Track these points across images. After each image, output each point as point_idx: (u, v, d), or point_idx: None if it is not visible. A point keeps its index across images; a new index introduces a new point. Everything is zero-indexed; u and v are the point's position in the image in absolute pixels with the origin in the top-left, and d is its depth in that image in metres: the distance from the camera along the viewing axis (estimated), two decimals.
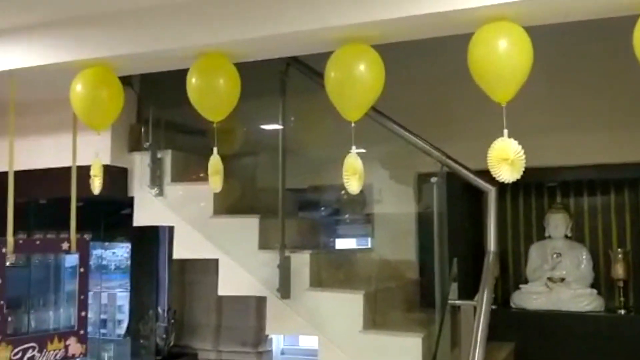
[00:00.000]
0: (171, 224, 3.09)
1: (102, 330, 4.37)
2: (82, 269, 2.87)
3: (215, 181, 2.36)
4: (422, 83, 3.63)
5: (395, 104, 2.73)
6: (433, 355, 2.40)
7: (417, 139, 2.74)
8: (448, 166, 2.62)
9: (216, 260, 2.96)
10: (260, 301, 4.25)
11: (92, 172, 2.55)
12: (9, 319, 3.34)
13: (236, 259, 2.92)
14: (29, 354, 2.64)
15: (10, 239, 2.59)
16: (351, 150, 2.22)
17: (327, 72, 2.20)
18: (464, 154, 2.78)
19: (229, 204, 3.11)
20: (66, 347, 2.79)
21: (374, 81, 2.15)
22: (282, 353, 4.33)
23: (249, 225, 2.93)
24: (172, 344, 4.23)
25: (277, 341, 4.32)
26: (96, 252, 4.31)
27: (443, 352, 2.45)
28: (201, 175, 3.08)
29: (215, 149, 2.39)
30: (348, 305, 2.71)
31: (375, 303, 2.86)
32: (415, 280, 3.57)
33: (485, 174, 2.62)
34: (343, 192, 4.24)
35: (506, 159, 1.94)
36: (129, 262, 4.43)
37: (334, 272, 3.10)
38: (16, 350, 2.59)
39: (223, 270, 2.95)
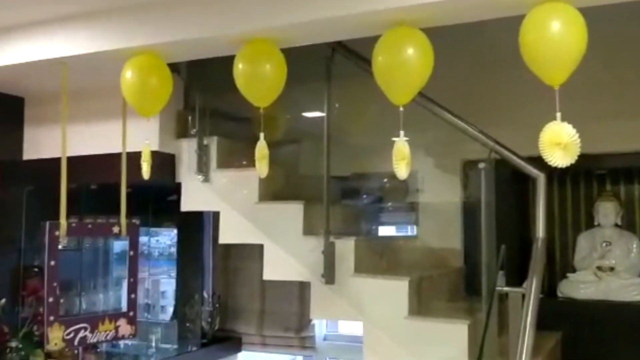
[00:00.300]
0: (217, 210, 3.13)
1: (147, 315, 4.47)
2: (131, 252, 2.94)
3: (262, 166, 2.38)
4: (467, 67, 3.57)
5: (440, 89, 2.69)
6: (481, 342, 2.37)
7: (466, 125, 2.70)
8: (497, 152, 2.58)
9: (261, 246, 2.99)
10: (303, 287, 4.29)
11: (142, 158, 2.60)
12: (61, 300, 3.46)
13: (281, 245, 2.94)
14: (80, 334, 2.72)
15: (63, 222, 2.67)
16: (400, 136, 2.19)
17: (374, 55, 2.18)
18: (510, 141, 2.73)
19: (274, 191, 3.13)
20: (116, 328, 2.87)
21: (423, 64, 2.13)
22: (325, 339, 4.35)
23: (293, 212, 2.94)
24: (216, 327, 4.30)
25: (320, 327, 4.34)
26: (141, 239, 4.41)
27: (490, 339, 2.42)
28: (244, 163, 3.14)
29: (262, 135, 2.41)
30: (393, 292, 2.70)
31: (420, 290, 2.85)
32: (459, 268, 3.54)
33: (533, 161, 2.59)
34: (386, 180, 4.26)
35: (559, 143, 1.90)
36: (172, 250, 4.51)
37: (379, 259, 3.09)
38: (68, 330, 2.67)
39: (268, 256, 2.97)
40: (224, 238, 3.10)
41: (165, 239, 4.56)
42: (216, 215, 4.45)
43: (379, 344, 2.73)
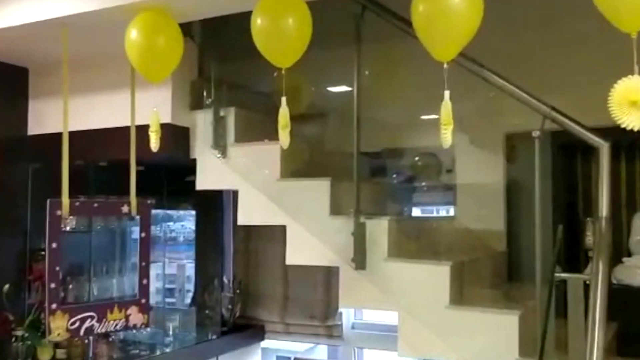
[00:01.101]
0: (235, 188, 2.85)
1: (170, 300, 4.23)
2: (143, 234, 2.69)
3: (284, 136, 2.09)
4: (514, 26, 3.21)
5: (483, 51, 2.37)
6: (542, 336, 2.07)
7: (517, 89, 2.37)
8: (553, 119, 2.24)
9: (283, 227, 2.72)
10: (329, 273, 4.02)
11: (150, 128, 2.33)
12: (70, 286, 3.23)
13: (305, 226, 2.66)
14: (87, 324, 2.48)
15: (65, 200, 2.41)
16: (445, 97, 1.88)
17: (414, 5, 1.87)
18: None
19: (297, 167, 2.84)
20: (127, 317, 2.62)
21: (471, 13, 1.81)
22: (353, 327, 4.07)
23: (319, 189, 2.65)
24: (237, 314, 4.05)
25: (348, 315, 4.06)
26: (166, 224, 4.16)
27: (549, 330, 2.11)
28: (264, 136, 2.86)
29: (283, 100, 2.11)
30: (433, 278, 2.40)
31: (461, 276, 2.55)
32: (501, 251, 3.22)
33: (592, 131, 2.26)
34: (420, 155, 3.93)
35: (635, 101, 1.59)
36: (191, 238, 4.26)
37: (414, 242, 2.79)
38: (73, 319, 2.43)
39: (291, 238, 2.69)
40: (244, 219, 2.82)
41: (190, 223, 4.31)
42: (236, 194, 4.21)
43: (416, 336, 2.44)
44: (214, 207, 4.14)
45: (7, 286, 2.89)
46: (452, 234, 3.27)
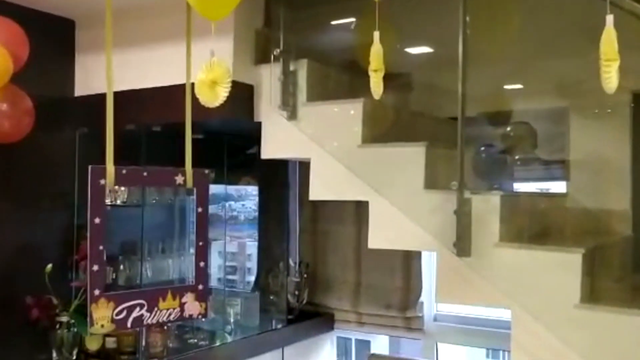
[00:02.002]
0: (306, 157, 2.40)
1: (231, 277, 3.85)
2: (200, 209, 2.27)
3: (377, 81, 1.61)
4: None
5: None
6: None
7: None
8: None
9: (357, 206, 2.27)
10: (408, 257, 3.54)
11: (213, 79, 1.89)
12: (121, 267, 2.87)
13: (393, 202, 2.18)
14: (135, 313, 2.09)
15: (110, 167, 2.02)
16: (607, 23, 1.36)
17: None
18: None
19: (379, 132, 2.36)
20: (182, 305, 2.22)
21: None
22: (435, 319, 3.59)
23: (411, 157, 2.17)
24: (304, 301, 3.64)
25: (430, 305, 3.58)
26: (227, 203, 3.77)
27: None
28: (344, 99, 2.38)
29: (376, 35, 1.63)
30: (560, 269, 1.89)
31: (592, 267, 2.02)
32: (627, 236, 2.65)
33: None
34: (509, 128, 3.38)
35: None
36: (256, 214, 3.86)
37: (525, 223, 2.28)
38: (120, 308, 2.05)
39: (375, 217, 2.23)
40: (316, 193, 2.37)
41: (251, 203, 3.91)
42: (303, 167, 3.77)
43: (534, 341, 1.94)
44: (278, 182, 3.73)
45: (49, 266, 2.55)
46: (563, 214, 2.73)
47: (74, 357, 2.67)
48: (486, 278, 2.00)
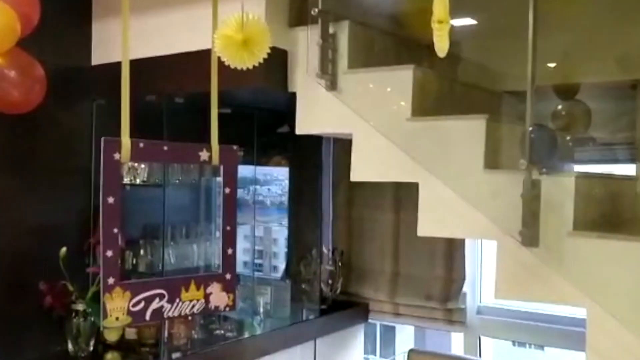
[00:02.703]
0: (348, 132, 2.12)
1: (258, 261, 3.61)
2: (227, 190, 2.02)
3: (442, 34, 1.33)
4: None
5: None
6: None
7: None
8: None
9: (401, 189, 2.00)
10: (451, 244, 3.26)
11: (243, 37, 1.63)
12: (141, 252, 2.65)
13: (447, 183, 1.90)
14: (155, 305, 1.86)
15: (125, 139, 1.78)
16: None
17: None
18: None
19: (431, 104, 2.07)
20: (207, 296, 1.99)
21: None
22: (479, 312, 3.32)
23: (470, 132, 1.88)
24: (338, 291, 3.39)
25: (473, 296, 3.31)
26: (253, 186, 3.52)
27: None
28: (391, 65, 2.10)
29: None
30: None
31: None
32: None
33: None
34: (560, 107, 3.05)
35: None
36: (283, 199, 3.60)
37: (599, 209, 1.98)
38: (137, 298, 1.82)
39: (426, 200, 1.95)
40: (359, 174, 2.10)
41: (277, 188, 3.65)
42: (339, 146, 3.51)
43: (614, 345, 1.66)
44: (311, 163, 3.47)
45: (64, 250, 2.34)
46: (633, 200, 2.42)
47: (91, 349, 2.47)
48: (557, 271, 1.72)
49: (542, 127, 2.80)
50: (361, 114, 2.07)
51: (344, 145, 3.56)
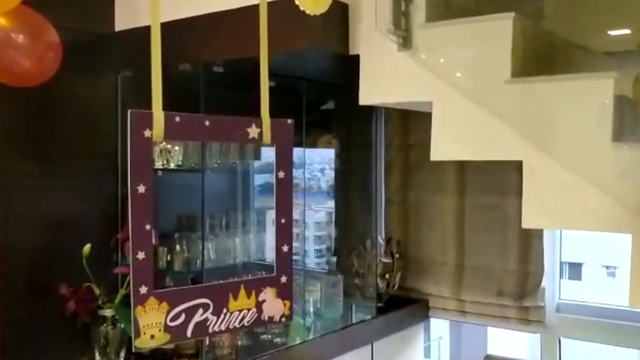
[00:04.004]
0: (427, 99, 1.72)
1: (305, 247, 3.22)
2: (281, 173, 1.65)
3: None
4: None
5: None
6: None
7: None
8: None
9: (464, 169, 1.56)
10: (527, 234, 2.85)
11: None
12: (177, 247, 2.30)
13: (562, 161, 1.49)
14: (197, 317, 1.50)
15: (158, 113, 1.41)
16: None
17: None
18: None
19: (531, 65, 1.66)
20: (259, 304, 1.62)
21: None
22: (558, 310, 2.90)
23: (593, 95, 1.46)
24: (396, 286, 3.01)
25: (552, 293, 2.89)
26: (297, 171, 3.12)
27: None
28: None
29: None
30: None
31: None
32: None
33: None
34: None
35: None
36: (328, 182, 3.22)
37: None
38: (176, 310, 1.46)
39: (533, 183, 1.54)
40: (442, 151, 1.70)
41: (321, 174, 3.26)
42: (392, 124, 3.11)
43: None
44: (362, 142, 3.08)
45: (87, 247, 2.00)
46: None
47: None
48: None
49: None
50: (444, 77, 1.66)
51: (396, 122, 3.18)
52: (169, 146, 2.20)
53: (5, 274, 1.83)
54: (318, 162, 3.27)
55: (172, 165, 2.20)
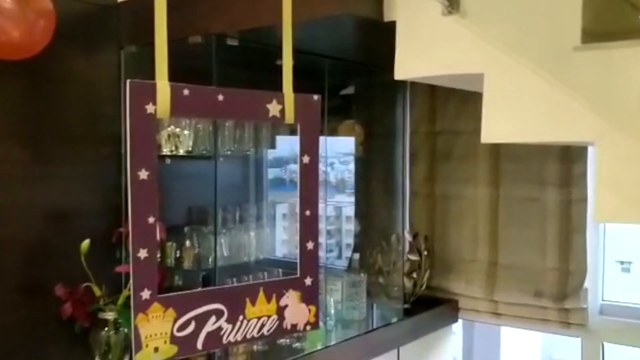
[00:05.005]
0: (477, 71, 1.47)
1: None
2: (306, 158, 1.42)
3: None
4: None
5: None
6: None
7: None
8: None
9: (498, 156, 1.39)
10: (568, 230, 2.60)
11: None
12: (187, 242, 2.08)
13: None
14: (210, 326, 1.28)
15: (162, 84, 1.18)
16: None
17: None
18: None
19: (600, 28, 1.41)
20: (280, 310, 1.39)
21: None
22: (601, 312, 2.65)
23: None
24: (424, 286, 2.77)
25: (595, 294, 2.64)
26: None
27: None
28: None
29: None
30: None
31: None
32: None
33: None
34: None
35: None
36: (349, 177, 2.99)
37: None
38: (184, 318, 1.24)
39: (608, 169, 1.30)
40: (496, 132, 1.46)
41: (341, 167, 3.02)
42: (418, 110, 2.87)
43: None
44: (384, 128, 2.85)
45: (86, 242, 1.78)
46: None
47: None
48: None
49: None
50: (498, 46, 1.41)
51: (423, 107, 2.94)
52: (177, 130, 1.97)
53: None
54: (339, 169, 3.04)
55: (181, 152, 1.97)
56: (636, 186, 1.26)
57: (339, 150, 3.01)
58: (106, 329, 1.87)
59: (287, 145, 2.68)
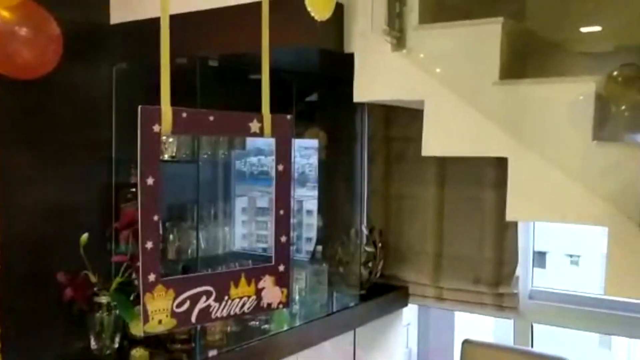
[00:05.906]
0: (418, 98, 1.81)
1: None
2: (280, 167, 1.72)
3: None
4: None
5: None
6: None
7: None
8: None
9: (444, 163, 1.67)
10: (502, 225, 2.97)
11: None
12: (170, 236, 2.36)
13: (546, 157, 1.60)
14: (201, 304, 1.58)
15: (167, 108, 1.47)
16: None
17: None
18: None
19: (517, 66, 1.76)
20: (258, 292, 1.70)
21: None
22: (530, 297, 3.05)
23: (576, 97, 1.57)
24: (378, 274, 3.12)
25: (525, 281, 3.03)
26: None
27: None
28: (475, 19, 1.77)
29: None
30: None
31: None
32: None
33: None
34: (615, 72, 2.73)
35: None
36: (310, 171, 3.30)
37: None
38: (181, 297, 1.54)
39: (518, 178, 1.65)
40: (432, 147, 1.80)
41: (303, 161, 3.33)
42: (375, 117, 3.20)
43: None
44: (345, 134, 3.17)
45: (85, 236, 2.05)
46: None
47: (116, 345, 2.20)
48: None
49: None
50: (436, 78, 1.75)
51: (379, 116, 3.26)
52: (164, 138, 2.25)
53: (4, 263, 1.88)
54: (299, 151, 3.34)
55: (166, 157, 2.26)
56: (539, 192, 1.62)
57: (301, 144, 3.31)
58: (100, 311, 2.15)
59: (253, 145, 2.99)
